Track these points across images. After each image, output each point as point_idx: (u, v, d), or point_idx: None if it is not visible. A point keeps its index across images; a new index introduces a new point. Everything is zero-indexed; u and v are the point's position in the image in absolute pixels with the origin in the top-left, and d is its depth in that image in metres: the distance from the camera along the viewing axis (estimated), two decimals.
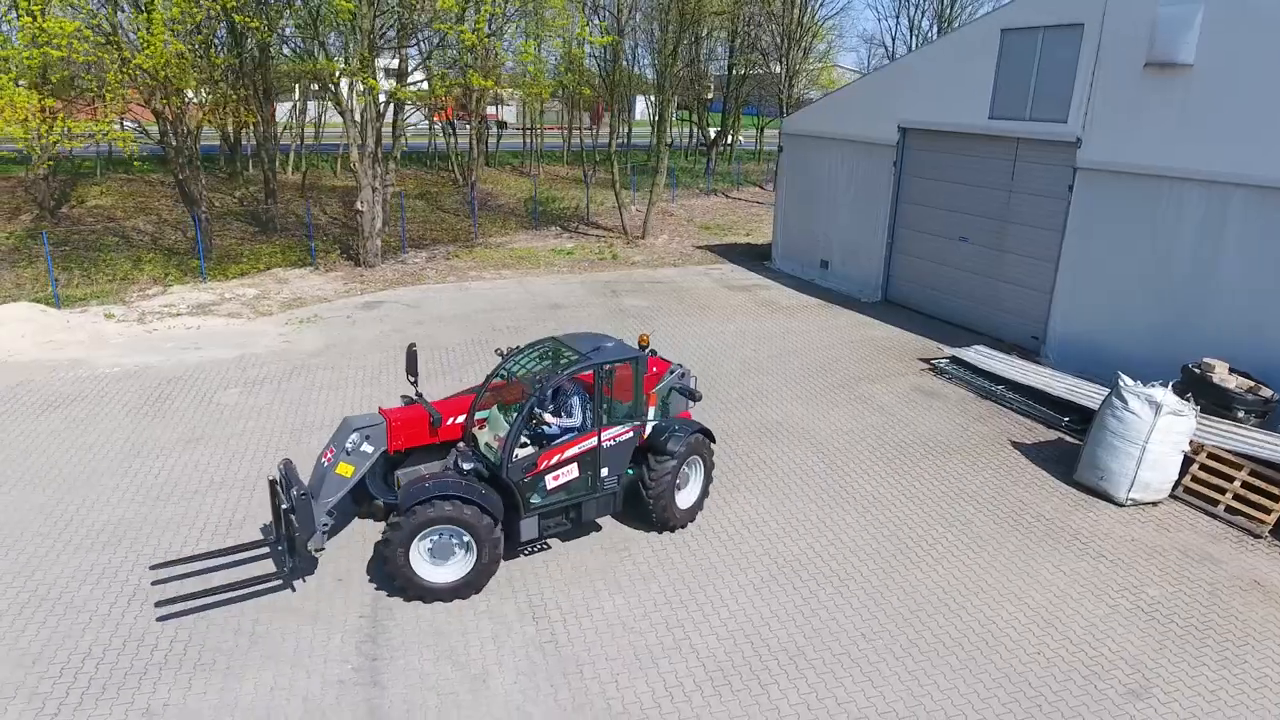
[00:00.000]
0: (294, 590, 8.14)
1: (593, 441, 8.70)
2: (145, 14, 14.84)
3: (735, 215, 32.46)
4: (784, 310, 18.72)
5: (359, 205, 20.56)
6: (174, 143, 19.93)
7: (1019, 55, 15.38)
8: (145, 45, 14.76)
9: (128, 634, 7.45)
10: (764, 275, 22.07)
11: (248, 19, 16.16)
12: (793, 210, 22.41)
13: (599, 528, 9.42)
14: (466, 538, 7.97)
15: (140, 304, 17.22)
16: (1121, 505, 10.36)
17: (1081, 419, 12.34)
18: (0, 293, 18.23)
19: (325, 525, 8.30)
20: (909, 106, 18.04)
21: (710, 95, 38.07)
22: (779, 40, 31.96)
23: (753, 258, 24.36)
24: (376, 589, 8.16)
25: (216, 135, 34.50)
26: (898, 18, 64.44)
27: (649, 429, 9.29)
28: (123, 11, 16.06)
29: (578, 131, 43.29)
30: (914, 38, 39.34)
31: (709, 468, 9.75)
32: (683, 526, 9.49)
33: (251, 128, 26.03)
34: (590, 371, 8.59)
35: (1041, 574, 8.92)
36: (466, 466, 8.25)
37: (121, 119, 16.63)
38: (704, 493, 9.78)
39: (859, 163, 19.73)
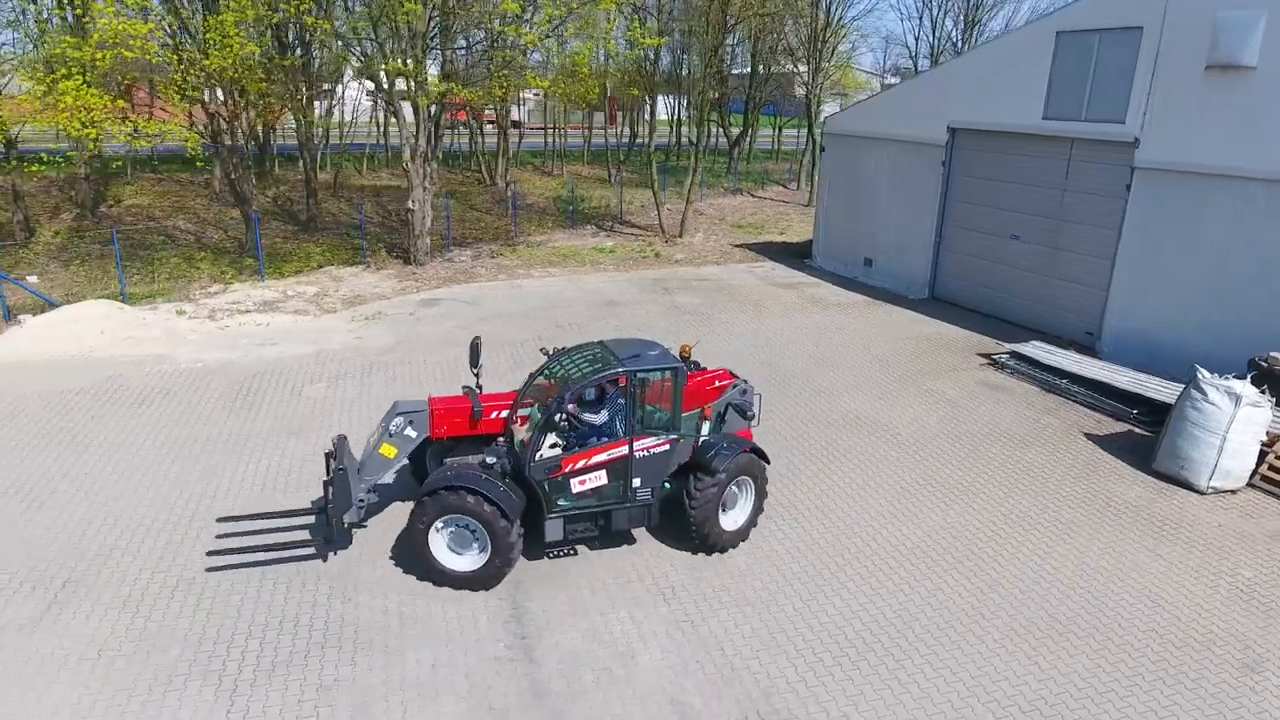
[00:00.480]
0: (324, 561, 8.56)
1: (623, 450, 8.42)
2: (217, 15, 15.09)
3: (764, 214, 32.79)
4: (834, 307, 19.05)
5: (410, 204, 20.84)
6: (228, 142, 20.24)
7: (1075, 57, 15.72)
8: (221, 46, 15.01)
9: (281, 615, 7.75)
10: (807, 273, 22.40)
11: (319, 20, 16.41)
12: (835, 209, 22.74)
13: (633, 540, 9.14)
14: (482, 531, 8.03)
15: (207, 301, 17.50)
16: (1202, 493, 10.70)
17: (1149, 411, 12.71)
18: (65, 290, 18.52)
19: (362, 502, 8.55)
20: (959, 108, 18.38)
21: (729, 96, 38.26)
22: (805, 40, 32.29)
23: (791, 255, 24.68)
24: (515, 572, 8.48)
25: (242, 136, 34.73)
26: (920, 19, 64.78)
27: (699, 444, 8.95)
28: (195, 14, 16.30)
29: (595, 131, 43.63)
30: (936, 38, 39.73)
31: (761, 490, 9.23)
32: (724, 550, 8.99)
33: (276, 128, 26.30)
34: (623, 378, 8.36)
35: (1138, 558, 9.25)
36: (490, 461, 8.32)
37: (191, 119, 16.85)
38: (754, 517, 9.26)
39: (906, 162, 20.06)
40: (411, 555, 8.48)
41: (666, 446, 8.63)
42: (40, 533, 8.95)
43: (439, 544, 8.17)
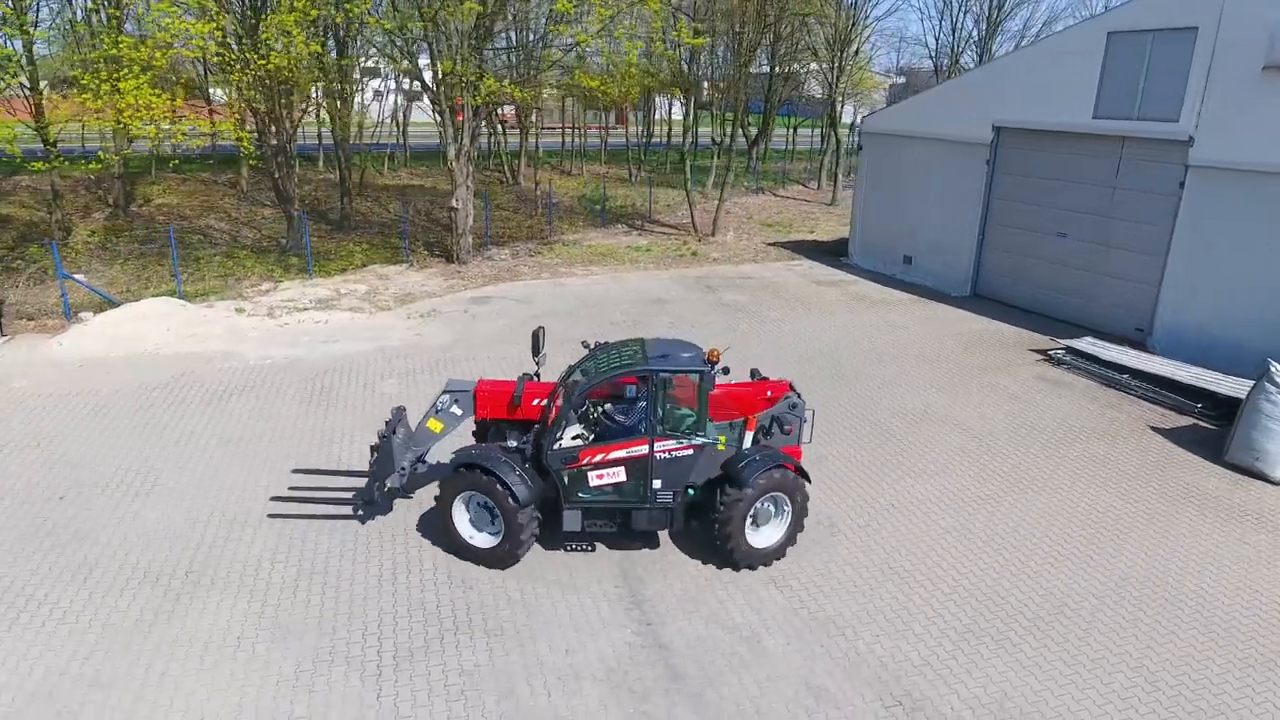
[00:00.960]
0: (362, 524, 9.10)
1: (643, 449, 8.28)
2: (276, 15, 15.20)
3: (789, 213, 32.98)
4: (880, 304, 19.23)
5: (454, 203, 20.96)
6: (273, 141, 20.36)
7: (1127, 57, 15.91)
8: (283, 45, 15.13)
9: (407, 602, 7.89)
10: (845, 271, 22.58)
11: (379, 20, 16.54)
12: (872, 207, 22.92)
13: (657, 542, 8.98)
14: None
15: (262, 299, 17.61)
16: (1278, 484, 10.90)
17: (1213, 405, 12.90)
18: (116, 289, 18.61)
19: (404, 470, 8.91)
20: (1004, 107, 18.57)
21: (750, 96, 38.37)
22: (830, 40, 32.47)
23: (825, 254, 24.86)
24: (621, 559, 8.63)
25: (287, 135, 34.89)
26: (941, 20, 65.04)
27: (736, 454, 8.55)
28: (252, 13, 16.39)
29: (605, 131, 43.77)
30: (955, 38, 39.97)
31: (799, 510, 8.66)
32: (752, 568, 8.61)
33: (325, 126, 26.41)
34: (645, 376, 8.29)
35: (1226, 545, 9.44)
36: (512, 444, 8.55)
37: (241, 118, 16.97)
38: (790, 537, 8.75)
39: (948, 161, 20.25)
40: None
41: (690, 451, 8.38)
42: (151, 524, 9.07)
43: (462, 518, 8.51)
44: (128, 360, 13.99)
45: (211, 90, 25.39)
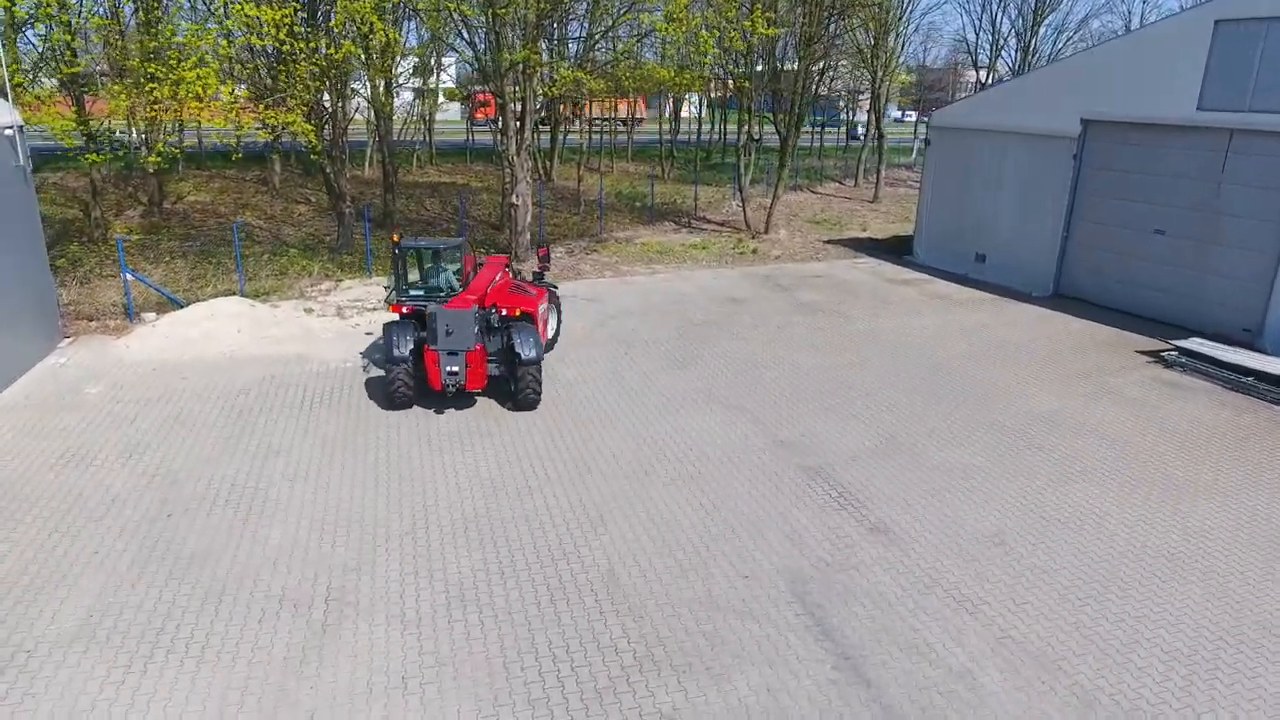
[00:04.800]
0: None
1: None
2: (352, 3, 14.45)
3: (834, 210, 32.29)
4: (962, 304, 18.54)
5: (514, 199, 20.25)
6: (330, 136, 19.61)
7: (1237, 46, 15.23)
8: (357, 34, 14.40)
9: (577, 633, 7.18)
10: (913, 269, 21.88)
11: (459, 5, 15.78)
12: (940, 204, 22.21)
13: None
14: None
15: (326, 299, 16.87)
16: None
17: None
18: (177, 287, 17.86)
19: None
20: (1094, 99, 17.88)
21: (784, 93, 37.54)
22: (876, 34, 31.76)
23: (885, 251, 24.18)
24: (789, 583, 7.94)
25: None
26: (981, 17, 64.53)
27: None
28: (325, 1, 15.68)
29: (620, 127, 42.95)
30: (995, 36, 39.28)
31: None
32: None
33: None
34: None
35: None
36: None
37: (309, 111, 16.23)
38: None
39: (1028, 155, 19.54)
40: (680, 569, 8.04)
41: None
42: (276, 544, 8.37)
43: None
44: (203, 363, 13.28)
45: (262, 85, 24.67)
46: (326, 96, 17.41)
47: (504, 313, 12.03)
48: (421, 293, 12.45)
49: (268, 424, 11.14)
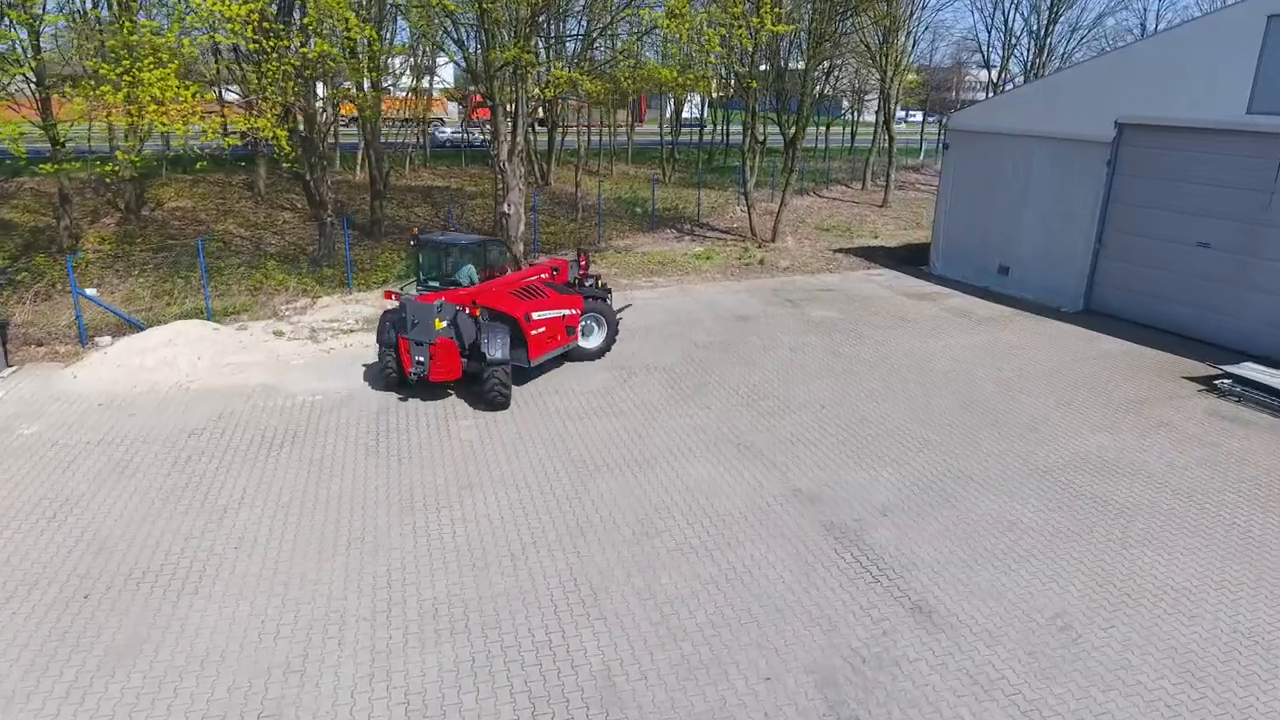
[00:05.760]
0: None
1: None
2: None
3: (842, 215, 30.95)
4: (988, 321, 17.22)
5: (505, 208, 18.92)
6: (307, 140, 18.28)
7: None
8: (329, 30, 13.11)
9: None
10: (933, 282, 20.56)
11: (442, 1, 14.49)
12: (960, 212, 20.87)
13: None
14: None
15: (300, 318, 15.55)
16: None
17: None
18: (133, 305, 16.57)
19: None
20: (1131, 101, 16.55)
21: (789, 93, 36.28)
22: (884, 32, 30.45)
23: (899, 261, 22.86)
24: (819, 686, 6.60)
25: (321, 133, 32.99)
26: (993, 16, 63.26)
27: None
28: None
29: (618, 128, 41.63)
30: (1007, 34, 37.95)
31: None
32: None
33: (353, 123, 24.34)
34: None
35: None
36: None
37: (283, 113, 14.91)
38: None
39: (1056, 161, 18.21)
40: (688, 668, 6.73)
41: None
42: (209, 638, 7.01)
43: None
44: (155, 397, 11.96)
45: (227, 87, 23.32)
46: (301, 98, 16.07)
47: (465, 310, 12.31)
48: (437, 285, 13.04)
49: (218, 473, 9.82)
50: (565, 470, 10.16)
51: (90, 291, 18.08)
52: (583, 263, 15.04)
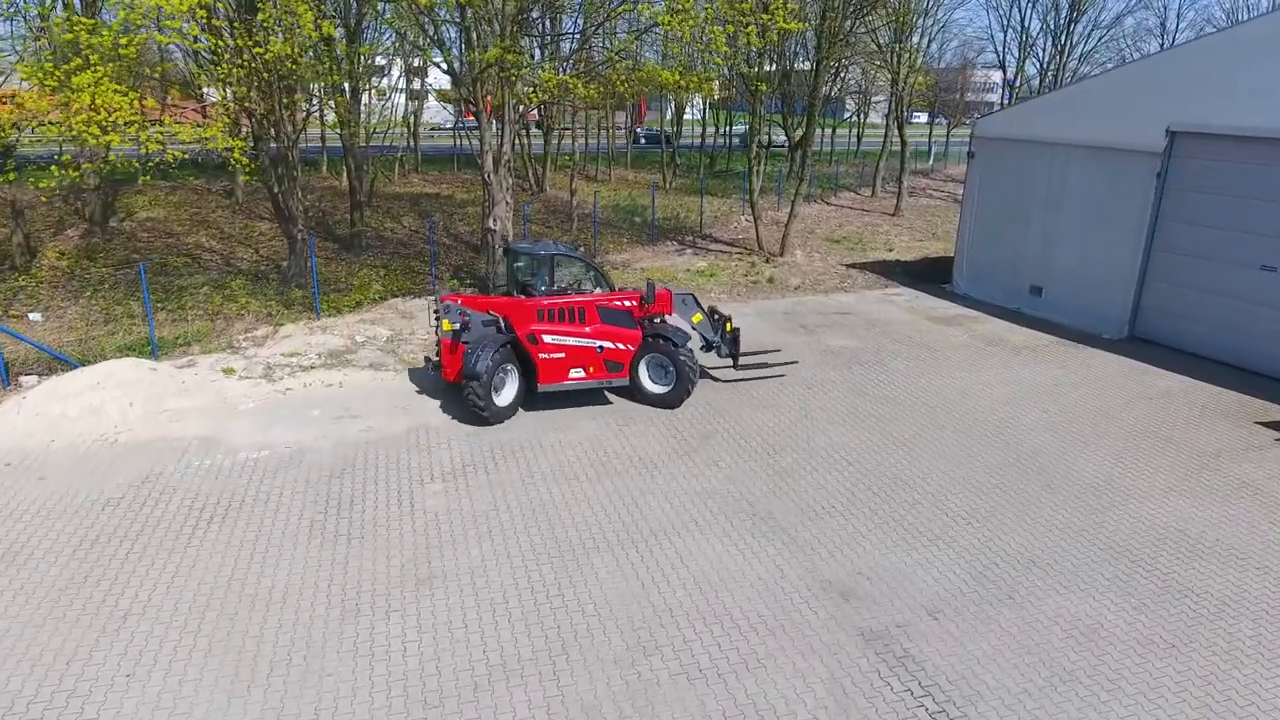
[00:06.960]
0: None
1: None
2: None
3: (853, 225, 29.29)
4: (1023, 351, 15.54)
5: (491, 223, 17.26)
6: (274, 149, 16.65)
7: None
8: (286, 29, 11.50)
9: None
10: (957, 303, 18.88)
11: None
12: (986, 227, 19.20)
13: None
14: None
15: (257, 351, 13.88)
16: None
17: None
18: (78, 334, 14.93)
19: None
20: (1184, 107, 14.87)
21: (795, 94, 34.66)
22: (895, 33, 28.82)
23: (917, 278, 21.21)
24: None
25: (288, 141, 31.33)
26: (1008, 16, 61.59)
27: None
28: None
29: (615, 132, 40.03)
30: (1023, 36, 36.28)
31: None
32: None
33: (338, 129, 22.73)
34: None
35: None
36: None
37: (235, 121, 13.31)
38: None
39: (1097, 172, 16.53)
40: None
41: None
42: None
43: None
44: (73, 454, 10.28)
45: (207, 90, 21.72)
46: (262, 105, 14.43)
47: (491, 314, 12.36)
48: (519, 293, 13.00)
49: (126, 561, 8.14)
50: (546, 553, 8.48)
51: (35, 315, 16.55)
52: (661, 295, 12.90)
